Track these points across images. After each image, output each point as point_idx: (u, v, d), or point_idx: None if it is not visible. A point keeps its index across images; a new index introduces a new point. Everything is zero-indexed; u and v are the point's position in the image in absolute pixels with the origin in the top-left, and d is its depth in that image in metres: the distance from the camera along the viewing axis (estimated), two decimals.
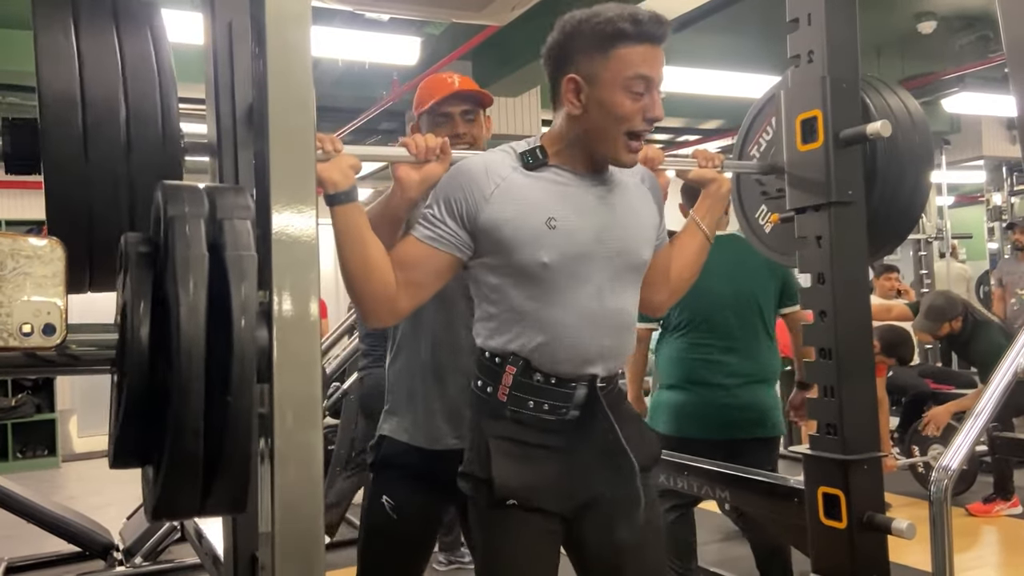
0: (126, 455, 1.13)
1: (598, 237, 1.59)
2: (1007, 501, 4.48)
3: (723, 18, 5.24)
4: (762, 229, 2.50)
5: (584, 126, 1.57)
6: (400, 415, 2.05)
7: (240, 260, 1.06)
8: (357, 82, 5.92)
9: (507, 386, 1.57)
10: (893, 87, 2.30)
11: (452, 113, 2.03)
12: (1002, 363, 2.15)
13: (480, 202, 1.53)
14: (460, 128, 2.02)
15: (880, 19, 5.70)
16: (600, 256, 1.59)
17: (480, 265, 1.58)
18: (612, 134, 1.55)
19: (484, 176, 1.55)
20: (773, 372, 3.03)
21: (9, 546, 4.38)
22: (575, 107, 1.55)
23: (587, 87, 1.53)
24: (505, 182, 1.55)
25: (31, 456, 7.46)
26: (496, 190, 1.54)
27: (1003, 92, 6.40)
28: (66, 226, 1.47)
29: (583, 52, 1.54)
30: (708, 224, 1.88)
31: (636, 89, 1.52)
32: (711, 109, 7.11)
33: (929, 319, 4.64)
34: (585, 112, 1.55)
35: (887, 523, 1.95)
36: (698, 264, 1.87)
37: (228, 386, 1.04)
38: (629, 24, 1.50)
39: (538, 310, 1.56)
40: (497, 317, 1.59)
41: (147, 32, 1.56)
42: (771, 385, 3.01)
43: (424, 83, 2.15)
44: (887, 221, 2.25)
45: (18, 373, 5.15)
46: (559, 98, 1.59)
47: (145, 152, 1.50)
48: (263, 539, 1.22)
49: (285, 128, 1.18)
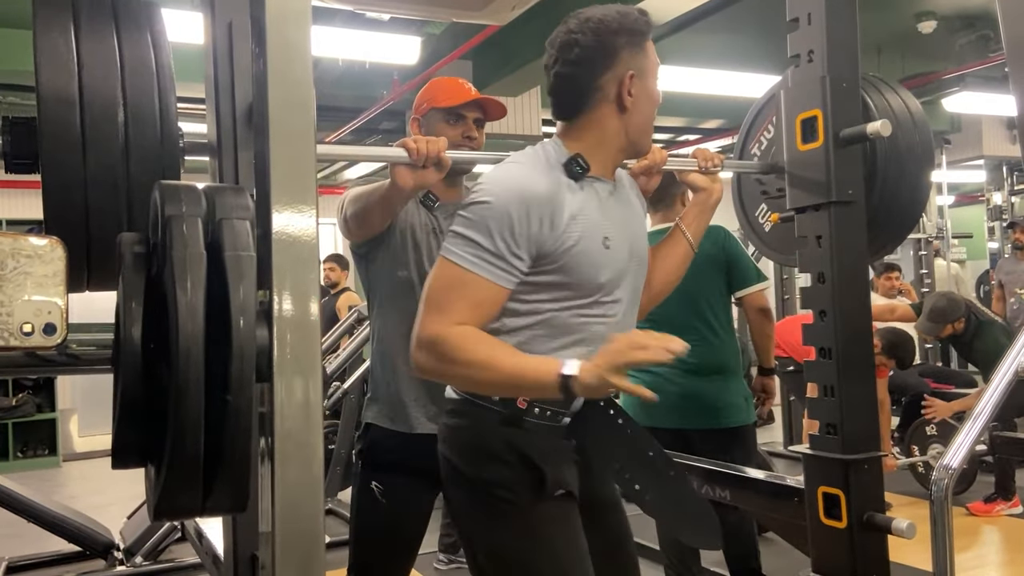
0: (127, 455, 1.13)
1: (631, 249, 1.64)
2: (1008, 501, 4.48)
3: (723, 18, 5.24)
4: (762, 228, 2.51)
5: (634, 120, 1.61)
6: (380, 402, 2.10)
7: (239, 260, 1.06)
8: (357, 82, 5.91)
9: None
10: (893, 86, 2.30)
11: (467, 117, 2.10)
12: (1003, 362, 2.15)
13: (548, 229, 1.49)
14: (472, 132, 2.10)
15: (880, 19, 5.70)
16: (631, 269, 1.65)
17: (520, 283, 1.52)
18: (651, 125, 1.66)
19: (549, 201, 1.50)
20: (725, 364, 3.00)
21: (9, 546, 4.38)
22: (631, 101, 1.59)
23: (638, 81, 1.59)
24: (565, 203, 1.52)
25: (32, 455, 7.46)
26: (561, 214, 1.51)
27: (1003, 92, 6.40)
28: (64, 226, 1.47)
29: (628, 49, 1.58)
30: (693, 233, 1.88)
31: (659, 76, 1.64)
32: (711, 109, 7.11)
33: (931, 320, 4.65)
34: (635, 106, 1.60)
35: (887, 523, 1.95)
36: (681, 271, 1.88)
37: (228, 386, 1.04)
38: (646, 19, 1.62)
39: (585, 324, 1.56)
40: (528, 329, 1.54)
41: (147, 32, 1.57)
42: (726, 377, 2.97)
43: (439, 83, 2.18)
44: (887, 221, 2.25)
45: (19, 372, 5.16)
46: (604, 99, 1.59)
47: (143, 152, 1.50)
48: (263, 539, 1.22)
49: (285, 128, 1.18)
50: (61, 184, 1.47)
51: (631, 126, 1.61)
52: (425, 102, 2.12)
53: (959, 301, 4.73)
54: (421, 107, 2.12)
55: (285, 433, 1.14)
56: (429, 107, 2.11)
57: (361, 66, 5.40)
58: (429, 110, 2.11)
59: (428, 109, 2.11)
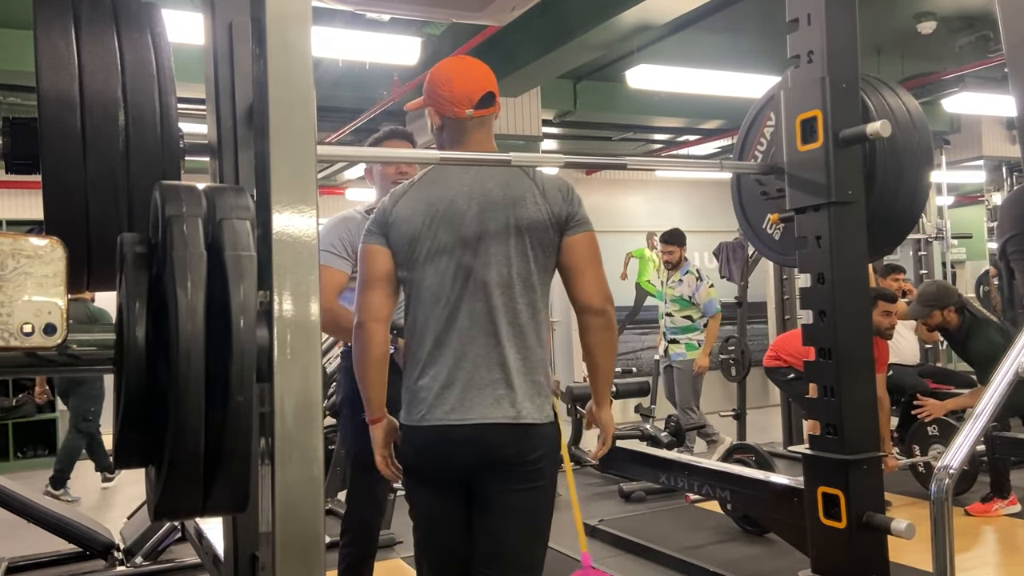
0: (128, 455, 1.13)
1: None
2: (1004, 500, 4.48)
3: (723, 18, 5.24)
4: (765, 232, 2.51)
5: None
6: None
7: (239, 260, 1.06)
8: (357, 82, 5.91)
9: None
10: (893, 87, 2.30)
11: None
12: (1003, 363, 2.15)
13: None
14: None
15: (880, 19, 5.70)
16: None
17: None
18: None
19: None
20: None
21: (9, 546, 4.38)
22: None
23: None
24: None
25: (31, 456, 7.46)
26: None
27: (1003, 92, 6.39)
28: (64, 226, 1.47)
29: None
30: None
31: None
32: (711, 109, 7.11)
33: (921, 304, 4.64)
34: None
35: (886, 523, 1.95)
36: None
37: (228, 386, 1.04)
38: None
39: None
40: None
41: (147, 34, 1.57)
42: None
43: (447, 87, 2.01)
44: (887, 221, 2.25)
45: (19, 373, 5.15)
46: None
47: (143, 153, 1.50)
48: (263, 539, 1.23)
49: (286, 128, 1.18)
50: (61, 184, 1.47)
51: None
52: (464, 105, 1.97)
53: (951, 290, 4.71)
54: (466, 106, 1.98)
55: (285, 433, 1.14)
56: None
57: (361, 67, 5.40)
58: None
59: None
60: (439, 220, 1.87)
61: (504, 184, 1.89)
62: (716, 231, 8.20)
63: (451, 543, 1.90)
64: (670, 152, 8.91)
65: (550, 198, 1.89)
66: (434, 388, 1.84)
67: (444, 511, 1.89)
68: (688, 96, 6.29)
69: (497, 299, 1.85)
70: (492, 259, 1.85)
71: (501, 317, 1.85)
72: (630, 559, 3.88)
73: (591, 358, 1.96)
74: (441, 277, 1.86)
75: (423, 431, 1.84)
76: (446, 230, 1.86)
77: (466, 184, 1.89)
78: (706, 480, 2.56)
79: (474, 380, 1.84)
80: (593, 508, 4.76)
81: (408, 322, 1.92)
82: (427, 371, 1.86)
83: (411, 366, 1.90)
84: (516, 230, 1.86)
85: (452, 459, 1.84)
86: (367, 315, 1.87)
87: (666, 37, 5.56)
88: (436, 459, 1.86)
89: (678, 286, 5.95)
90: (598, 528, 4.22)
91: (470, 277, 1.85)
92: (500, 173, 1.90)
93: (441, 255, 1.87)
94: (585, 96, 6.81)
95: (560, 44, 4.93)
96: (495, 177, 1.90)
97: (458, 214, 1.87)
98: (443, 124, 1.94)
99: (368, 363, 1.86)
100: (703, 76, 5.77)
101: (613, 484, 5.31)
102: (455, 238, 1.86)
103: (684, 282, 5.92)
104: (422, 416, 1.84)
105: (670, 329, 6.00)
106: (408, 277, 1.89)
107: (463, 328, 1.85)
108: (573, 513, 2.77)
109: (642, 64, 5.55)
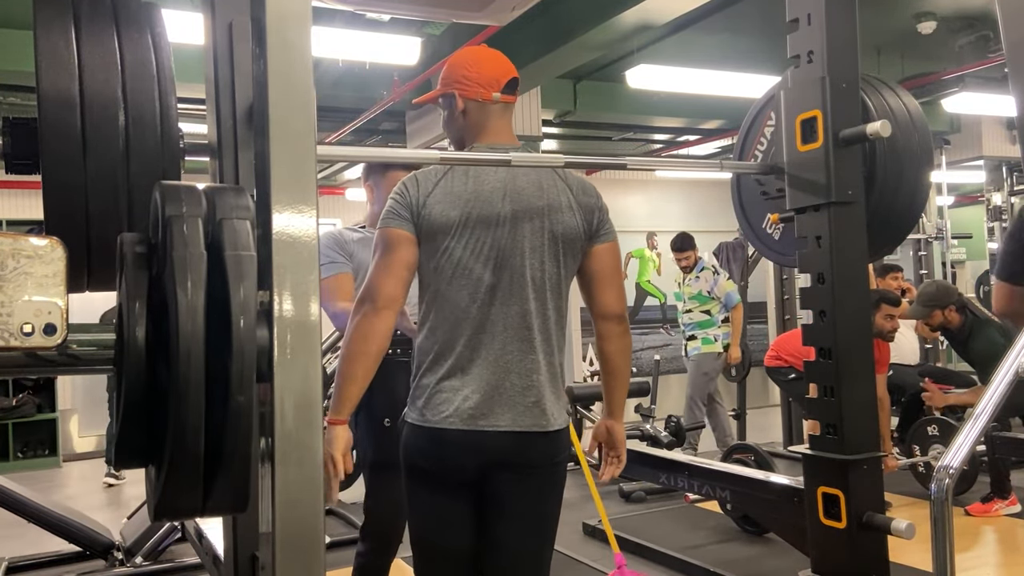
0: (128, 455, 1.13)
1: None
2: (1005, 500, 4.48)
3: (723, 18, 5.24)
4: (764, 232, 2.51)
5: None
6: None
7: (239, 260, 1.06)
8: (357, 82, 5.91)
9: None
10: (893, 87, 2.30)
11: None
12: (1003, 362, 2.15)
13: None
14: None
15: (880, 19, 5.70)
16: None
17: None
18: None
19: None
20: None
21: (9, 546, 4.39)
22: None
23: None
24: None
25: (32, 456, 7.46)
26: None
27: (1003, 92, 6.39)
28: (64, 226, 1.47)
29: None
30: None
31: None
32: (711, 109, 7.11)
33: (921, 304, 4.65)
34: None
35: (886, 523, 1.95)
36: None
37: (228, 386, 1.04)
38: None
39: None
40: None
41: (147, 34, 1.57)
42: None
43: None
44: (887, 221, 2.25)
45: (19, 373, 5.15)
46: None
47: (143, 153, 1.50)
48: (263, 539, 1.22)
49: (286, 128, 1.18)
50: (61, 184, 1.47)
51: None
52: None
53: (951, 290, 4.72)
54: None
55: (285, 433, 1.14)
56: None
57: (361, 67, 5.39)
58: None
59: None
60: (475, 217, 1.81)
61: (536, 184, 1.86)
62: (716, 231, 8.21)
63: (458, 543, 1.87)
64: (670, 152, 8.91)
65: (582, 204, 1.88)
66: (463, 391, 1.79)
67: (455, 512, 1.85)
68: (688, 96, 6.29)
69: (531, 304, 1.83)
70: (527, 262, 1.82)
71: (534, 322, 1.83)
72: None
73: (612, 364, 1.96)
74: (475, 276, 1.80)
75: (448, 434, 1.78)
76: (482, 228, 1.81)
77: (500, 180, 1.85)
78: (706, 480, 2.56)
79: (505, 386, 1.80)
80: (593, 508, 4.75)
81: (431, 317, 1.84)
82: (455, 372, 1.80)
83: (433, 364, 1.82)
84: (551, 236, 1.84)
85: (474, 463, 1.81)
86: (384, 301, 1.75)
87: (666, 37, 5.55)
88: (456, 462, 1.81)
89: (695, 283, 6.10)
90: (598, 528, 4.22)
91: (506, 279, 1.81)
92: (530, 169, 1.88)
93: (477, 253, 1.81)
94: (585, 96, 6.81)
95: (560, 44, 4.93)
96: (527, 174, 1.87)
97: (493, 212, 1.82)
98: (466, 108, 1.91)
99: (367, 356, 1.75)
100: (703, 76, 5.76)
101: (613, 484, 5.32)
102: (491, 237, 1.81)
103: (701, 278, 6.08)
104: (444, 417, 1.78)
105: (688, 326, 6.13)
106: (435, 270, 1.82)
107: (497, 332, 1.81)
108: (598, 512, 2.77)
109: (642, 64, 5.55)
